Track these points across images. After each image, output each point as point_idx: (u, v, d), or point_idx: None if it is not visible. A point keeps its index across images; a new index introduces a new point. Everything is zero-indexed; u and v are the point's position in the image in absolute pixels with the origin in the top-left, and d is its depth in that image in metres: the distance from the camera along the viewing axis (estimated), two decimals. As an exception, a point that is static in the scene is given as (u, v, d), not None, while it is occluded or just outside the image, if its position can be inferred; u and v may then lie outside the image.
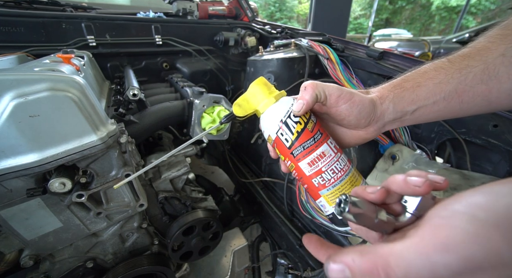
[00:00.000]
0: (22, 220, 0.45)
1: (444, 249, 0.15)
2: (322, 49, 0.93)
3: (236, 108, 0.36)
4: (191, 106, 0.74)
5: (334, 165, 0.33)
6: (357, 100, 0.33)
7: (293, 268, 0.89)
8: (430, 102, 0.32)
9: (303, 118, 0.33)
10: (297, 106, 0.32)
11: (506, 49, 0.28)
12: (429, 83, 0.32)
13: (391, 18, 11.26)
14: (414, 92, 0.33)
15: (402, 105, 0.34)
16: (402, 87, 0.34)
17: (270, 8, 10.47)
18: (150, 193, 0.67)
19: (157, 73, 1.18)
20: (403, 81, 0.34)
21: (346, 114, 0.34)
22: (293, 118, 0.32)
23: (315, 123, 0.33)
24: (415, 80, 0.33)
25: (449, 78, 0.31)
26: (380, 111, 0.34)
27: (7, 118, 0.36)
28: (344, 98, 0.33)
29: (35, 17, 0.86)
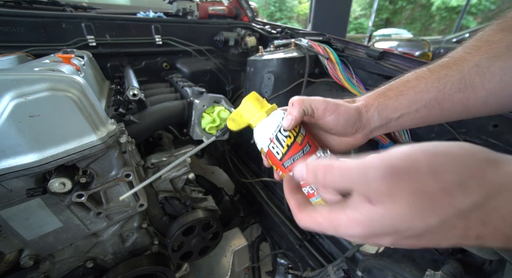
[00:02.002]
0: (22, 220, 0.45)
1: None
2: (322, 49, 0.93)
3: (230, 122, 0.39)
4: (191, 106, 0.74)
5: None
6: (342, 110, 0.35)
7: (293, 268, 0.89)
8: (413, 110, 0.34)
9: (292, 132, 0.35)
10: (286, 122, 0.34)
11: (480, 60, 0.30)
12: (411, 92, 0.34)
13: (391, 18, 11.26)
14: (397, 100, 0.35)
15: (386, 113, 0.36)
16: (386, 96, 0.36)
17: (270, 8, 10.47)
18: (150, 193, 0.67)
19: (157, 73, 1.18)
20: (387, 90, 0.37)
21: (333, 124, 0.36)
22: (283, 132, 0.34)
23: (304, 136, 0.35)
24: (398, 89, 0.35)
25: (429, 87, 0.33)
26: (365, 119, 0.36)
27: (7, 118, 0.36)
28: (330, 110, 0.35)
29: (35, 17, 0.86)
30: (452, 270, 0.50)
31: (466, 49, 0.32)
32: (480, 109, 0.33)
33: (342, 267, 0.67)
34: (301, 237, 0.85)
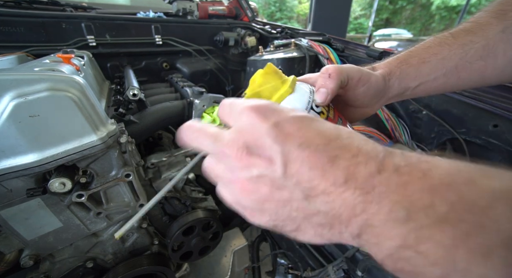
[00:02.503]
0: (22, 220, 0.45)
1: None
2: (322, 49, 0.93)
3: None
4: (191, 106, 0.74)
5: None
6: (373, 81, 0.33)
7: (293, 268, 0.89)
8: (431, 78, 0.33)
9: (324, 107, 0.30)
10: (321, 96, 0.29)
11: (506, 26, 0.29)
12: (433, 59, 0.32)
13: (391, 18, 11.26)
14: (418, 69, 0.33)
15: (406, 81, 0.34)
16: (408, 63, 0.34)
17: (270, 8, 10.47)
18: (150, 193, 0.67)
19: (157, 73, 1.18)
20: (408, 57, 0.34)
21: (362, 96, 0.33)
22: (315, 108, 0.29)
23: (334, 109, 0.32)
24: (420, 56, 0.33)
25: (451, 55, 0.31)
26: (387, 88, 0.34)
27: (7, 118, 0.36)
28: (363, 81, 0.32)
29: (35, 17, 0.86)
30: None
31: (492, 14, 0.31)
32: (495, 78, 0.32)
33: (342, 267, 0.67)
34: (301, 237, 0.85)
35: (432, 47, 0.33)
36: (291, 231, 0.21)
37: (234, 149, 0.20)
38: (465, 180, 0.14)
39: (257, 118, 0.19)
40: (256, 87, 0.30)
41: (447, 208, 0.14)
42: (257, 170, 0.19)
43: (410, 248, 0.14)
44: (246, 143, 0.19)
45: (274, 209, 0.20)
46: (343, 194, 0.17)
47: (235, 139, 0.20)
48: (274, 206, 0.20)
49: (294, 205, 0.19)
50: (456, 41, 0.31)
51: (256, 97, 0.29)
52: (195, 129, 0.22)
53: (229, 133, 0.20)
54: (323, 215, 0.18)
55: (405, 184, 0.16)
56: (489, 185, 0.14)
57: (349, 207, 0.17)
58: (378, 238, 0.16)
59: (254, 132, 0.19)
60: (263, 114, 0.19)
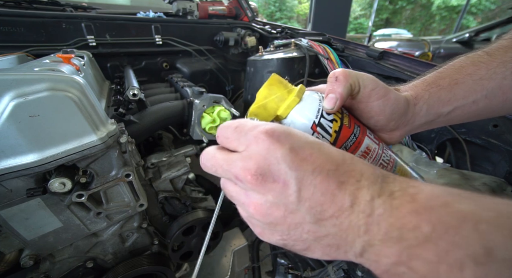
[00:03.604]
0: (22, 220, 0.45)
1: None
2: (322, 49, 0.93)
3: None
4: (191, 106, 0.74)
5: (382, 159, 0.28)
6: (392, 97, 0.28)
7: (293, 268, 0.89)
8: (469, 101, 0.29)
9: (337, 114, 0.27)
10: (329, 103, 0.27)
11: None
12: (468, 80, 0.28)
13: (391, 18, 11.26)
14: (451, 91, 0.29)
15: (437, 107, 0.30)
16: (438, 85, 0.30)
17: (270, 8, 10.47)
18: (150, 193, 0.67)
19: (157, 73, 1.18)
20: (438, 79, 0.30)
21: (376, 112, 0.29)
22: (326, 116, 0.27)
23: (349, 116, 0.28)
24: (451, 77, 0.29)
25: (491, 74, 0.28)
26: (411, 114, 0.30)
27: (7, 118, 0.36)
28: (379, 94, 0.28)
29: (35, 17, 0.86)
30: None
31: None
32: None
33: (342, 267, 0.67)
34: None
35: (464, 67, 0.29)
36: (300, 250, 0.22)
37: (248, 176, 0.20)
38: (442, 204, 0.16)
39: (272, 144, 0.20)
40: (262, 100, 0.28)
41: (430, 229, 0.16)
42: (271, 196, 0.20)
43: (403, 264, 0.16)
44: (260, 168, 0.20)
45: (286, 230, 0.21)
46: (349, 216, 0.18)
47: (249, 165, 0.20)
48: (286, 228, 0.21)
49: (306, 227, 0.20)
50: (493, 59, 0.28)
51: (261, 110, 0.28)
52: (209, 157, 0.23)
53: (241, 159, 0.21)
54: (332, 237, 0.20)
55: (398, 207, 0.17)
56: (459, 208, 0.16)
57: (354, 229, 0.18)
58: (377, 256, 0.18)
59: (269, 157, 0.20)
60: (277, 139, 0.20)
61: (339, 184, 0.19)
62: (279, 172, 0.19)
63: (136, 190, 0.56)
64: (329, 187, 0.19)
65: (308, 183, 0.19)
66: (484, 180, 0.60)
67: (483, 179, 0.60)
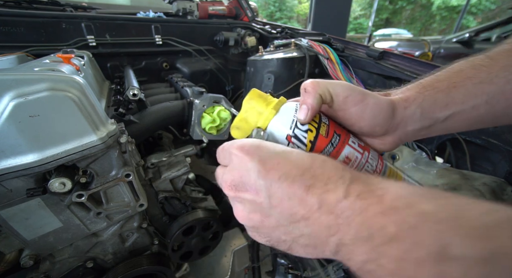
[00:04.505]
0: (22, 220, 0.45)
1: None
2: (322, 49, 0.93)
3: (235, 131, 0.31)
4: (191, 106, 0.74)
5: (364, 168, 0.29)
6: (370, 102, 0.28)
7: (293, 268, 0.89)
8: (468, 106, 0.27)
9: (313, 124, 0.28)
10: (301, 114, 0.27)
11: None
12: (467, 83, 0.27)
13: (391, 18, 11.26)
14: (448, 94, 0.27)
15: (433, 110, 0.28)
16: (435, 88, 0.28)
17: (270, 7, 10.47)
18: (150, 193, 0.67)
19: (157, 73, 1.18)
20: (434, 81, 0.29)
21: (356, 119, 0.28)
22: (301, 127, 0.28)
23: (328, 126, 0.29)
24: (450, 80, 0.28)
25: (492, 77, 0.26)
26: (401, 118, 0.28)
27: (7, 118, 0.36)
28: (354, 100, 0.27)
29: (35, 17, 0.86)
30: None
31: None
32: None
33: (342, 267, 0.66)
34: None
35: (464, 70, 0.28)
36: (285, 250, 0.24)
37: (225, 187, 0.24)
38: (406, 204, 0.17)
39: (243, 157, 0.23)
40: (242, 114, 0.31)
41: (395, 229, 0.17)
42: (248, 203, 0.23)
43: (373, 262, 0.17)
44: (234, 181, 0.23)
45: (267, 233, 0.24)
46: (319, 218, 0.20)
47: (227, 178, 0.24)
48: (267, 230, 0.24)
49: (282, 230, 0.22)
50: (495, 63, 0.26)
51: (243, 123, 0.31)
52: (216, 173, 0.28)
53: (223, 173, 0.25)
54: (307, 237, 0.21)
55: (366, 208, 0.18)
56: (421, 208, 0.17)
57: (325, 229, 0.20)
58: (349, 254, 0.19)
59: (241, 169, 0.23)
60: (246, 152, 0.23)
61: (306, 188, 0.20)
62: (250, 181, 0.22)
63: (136, 190, 0.56)
64: (295, 191, 0.21)
65: (275, 190, 0.21)
66: (484, 180, 0.60)
67: (483, 179, 0.60)
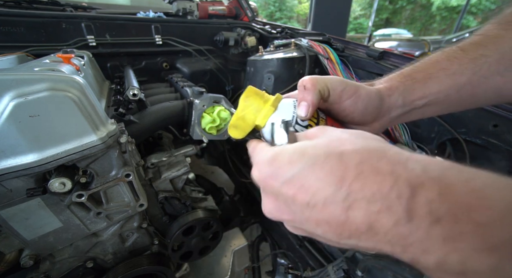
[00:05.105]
0: (22, 220, 0.45)
1: None
2: (322, 49, 0.93)
3: (233, 131, 0.31)
4: (191, 106, 0.74)
5: None
6: (362, 94, 0.30)
7: (293, 268, 0.89)
8: (442, 95, 0.30)
9: (313, 119, 0.29)
10: (302, 110, 0.28)
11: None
12: (442, 74, 0.30)
13: (391, 18, 11.26)
14: (425, 84, 0.30)
15: (412, 98, 0.31)
16: (413, 78, 0.31)
17: (270, 7, 10.47)
18: (150, 193, 0.67)
19: (157, 73, 1.18)
20: (413, 72, 0.32)
21: (350, 110, 0.31)
22: (301, 123, 0.29)
23: (326, 120, 0.30)
24: (427, 71, 0.31)
25: (463, 69, 0.29)
26: (387, 105, 0.31)
27: (7, 118, 0.36)
28: (349, 93, 0.30)
29: (35, 17, 0.86)
30: (452, 270, 0.50)
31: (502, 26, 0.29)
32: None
33: (342, 267, 0.67)
34: (301, 237, 0.85)
35: (439, 61, 0.30)
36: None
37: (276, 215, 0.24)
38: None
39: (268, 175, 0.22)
40: (240, 112, 0.30)
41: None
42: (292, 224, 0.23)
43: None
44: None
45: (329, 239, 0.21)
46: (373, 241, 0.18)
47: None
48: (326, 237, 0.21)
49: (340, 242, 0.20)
50: (466, 55, 0.29)
51: (241, 122, 0.30)
52: None
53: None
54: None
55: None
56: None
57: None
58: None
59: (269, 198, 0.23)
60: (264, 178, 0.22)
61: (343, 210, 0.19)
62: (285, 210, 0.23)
63: (136, 190, 0.56)
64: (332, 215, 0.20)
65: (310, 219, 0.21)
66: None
67: (483, 179, 0.60)
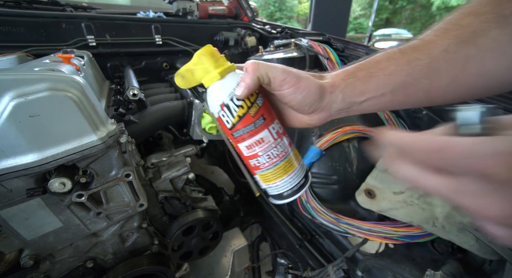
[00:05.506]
0: (22, 220, 0.45)
1: None
2: (322, 49, 0.93)
3: (179, 79, 0.33)
4: (191, 106, 0.74)
5: (270, 151, 0.33)
6: (302, 86, 0.32)
7: (293, 268, 0.89)
8: (378, 94, 0.32)
9: (246, 102, 0.31)
10: (238, 90, 0.31)
11: (448, 45, 0.29)
12: (380, 74, 0.32)
13: (391, 18, 11.25)
14: (365, 83, 0.32)
15: (351, 96, 0.33)
16: (355, 76, 0.33)
17: (270, 7, 10.47)
18: (150, 193, 0.67)
19: (157, 73, 1.18)
20: (357, 70, 0.34)
21: (289, 99, 0.33)
22: (235, 101, 0.31)
23: (260, 108, 0.32)
24: (368, 70, 0.33)
25: (398, 70, 0.31)
26: (327, 101, 0.34)
27: (7, 118, 0.36)
28: (289, 83, 0.32)
29: (35, 17, 0.86)
30: (452, 270, 0.50)
31: (436, 32, 0.31)
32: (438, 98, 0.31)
33: (342, 267, 0.67)
34: (301, 237, 0.85)
35: (380, 62, 0.33)
36: None
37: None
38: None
39: None
40: (191, 65, 0.32)
41: None
42: None
43: None
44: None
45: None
46: None
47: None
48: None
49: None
50: (403, 57, 0.31)
51: (189, 74, 0.32)
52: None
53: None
54: None
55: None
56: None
57: None
58: None
59: None
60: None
61: None
62: None
63: (136, 190, 0.56)
64: None
65: None
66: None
67: (483, 179, 0.60)
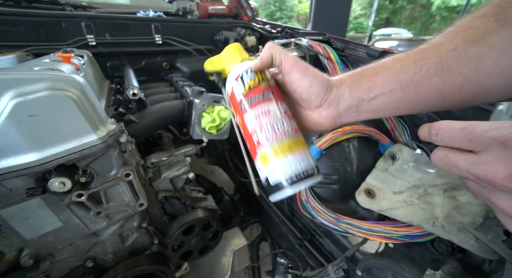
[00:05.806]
0: (22, 220, 0.45)
1: None
2: (322, 49, 0.92)
3: (208, 64, 0.43)
4: (191, 106, 0.74)
5: (276, 123, 0.33)
6: (310, 72, 0.35)
7: (293, 268, 0.89)
8: (387, 90, 0.33)
9: (259, 75, 0.35)
10: (253, 63, 0.36)
11: (457, 45, 0.29)
12: (386, 72, 0.33)
13: (391, 17, 11.25)
14: (371, 79, 0.34)
15: (359, 91, 0.35)
16: (361, 75, 0.35)
17: (270, 7, 10.46)
18: (150, 193, 0.67)
19: (157, 73, 1.18)
20: (362, 70, 0.36)
21: (297, 84, 0.35)
22: (249, 73, 0.35)
23: (270, 86, 0.35)
24: (373, 70, 0.35)
25: (405, 69, 0.32)
26: (335, 95, 0.35)
27: (6, 117, 0.36)
28: (298, 67, 0.35)
29: (35, 16, 0.86)
30: (452, 270, 0.50)
31: (444, 35, 0.32)
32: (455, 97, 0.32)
33: (342, 267, 0.67)
34: (301, 237, 0.85)
35: (386, 63, 0.35)
36: None
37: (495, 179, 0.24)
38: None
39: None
40: (221, 55, 0.43)
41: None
42: None
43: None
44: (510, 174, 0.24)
45: None
46: None
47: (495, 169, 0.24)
48: None
49: None
50: (409, 58, 0.33)
51: (217, 61, 0.43)
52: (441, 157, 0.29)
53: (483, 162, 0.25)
54: None
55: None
56: None
57: None
58: None
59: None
60: None
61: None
62: None
63: (136, 190, 0.56)
64: None
65: None
66: (484, 180, 0.60)
67: (483, 178, 0.60)
